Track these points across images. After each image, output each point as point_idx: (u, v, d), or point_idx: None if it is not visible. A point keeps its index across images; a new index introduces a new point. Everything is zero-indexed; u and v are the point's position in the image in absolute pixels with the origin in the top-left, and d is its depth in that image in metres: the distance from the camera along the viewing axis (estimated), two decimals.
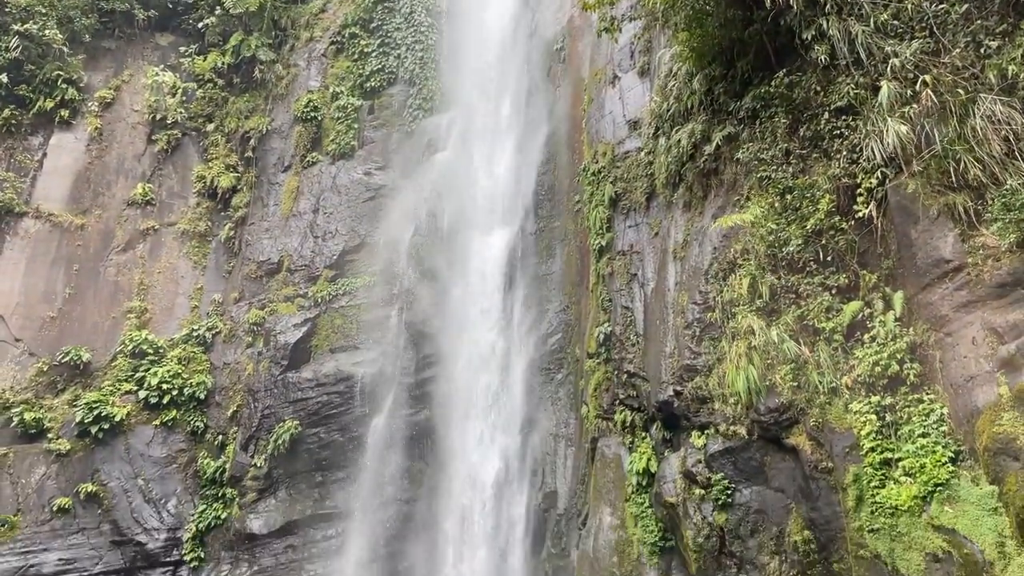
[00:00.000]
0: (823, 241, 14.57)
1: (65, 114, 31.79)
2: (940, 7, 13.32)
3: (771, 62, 16.27)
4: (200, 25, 35.11)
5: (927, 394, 12.83)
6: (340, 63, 34.53)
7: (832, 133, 14.80)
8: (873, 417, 13.11)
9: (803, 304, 14.65)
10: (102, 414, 27.25)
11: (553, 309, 26.13)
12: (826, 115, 14.88)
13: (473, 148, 30.13)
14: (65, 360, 28.43)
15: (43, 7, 31.43)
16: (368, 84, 33.70)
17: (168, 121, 33.47)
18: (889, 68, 13.50)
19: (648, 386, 19.18)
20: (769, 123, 16.03)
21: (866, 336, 13.80)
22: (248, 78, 34.83)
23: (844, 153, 14.44)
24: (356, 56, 34.38)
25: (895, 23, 13.78)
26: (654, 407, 18.70)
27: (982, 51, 12.76)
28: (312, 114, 33.25)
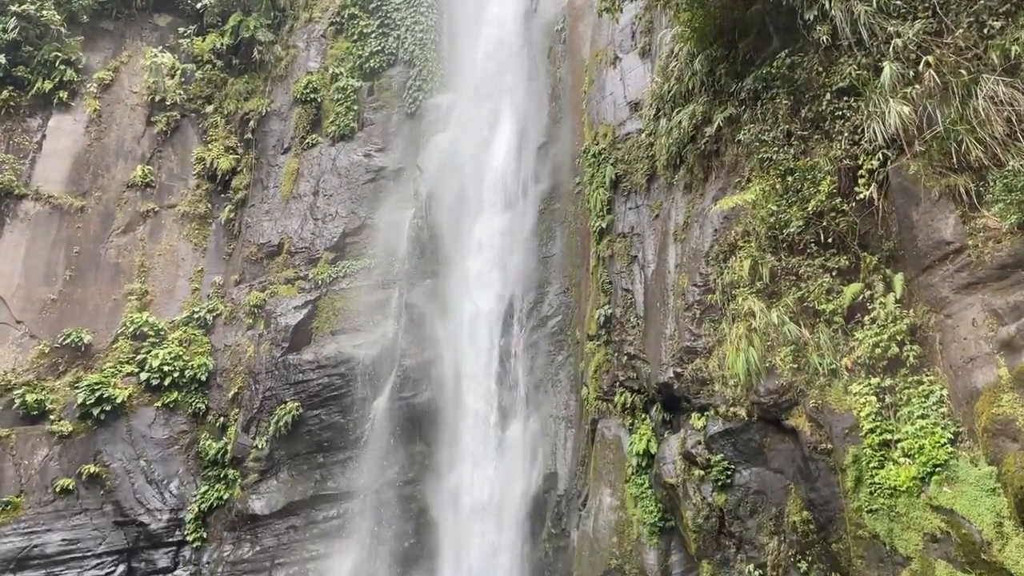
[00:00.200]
0: (824, 223, 14.54)
1: (64, 96, 31.60)
2: None
3: (773, 43, 16.18)
4: (198, 5, 34.79)
5: (927, 376, 12.87)
6: (339, 44, 34.34)
7: (834, 114, 14.74)
8: (873, 398, 13.15)
9: (803, 286, 14.64)
10: (104, 396, 27.33)
11: (553, 291, 26.15)
12: (828, 96, 14.81)
13: (473, 130, 30.02)
14: (66, 342, 28.46)
15: None
16: (368, 65, 33.53)
17: (167, 103, 33.30)
18: (891, 49, 13.42)
19: (648, 368, 19.22)
20: (770, 104, 15.97)
21: (866, 318, 13.82)
22: (247, 59, 34.62)
23: (845, 134, 14.39)
24: (355, 37, 34.18)
25: (898, 3, 13.68)
26: (654, 389, 18.75)
27: (985, 31, 12.68)
28: (312, 96, 33.10)
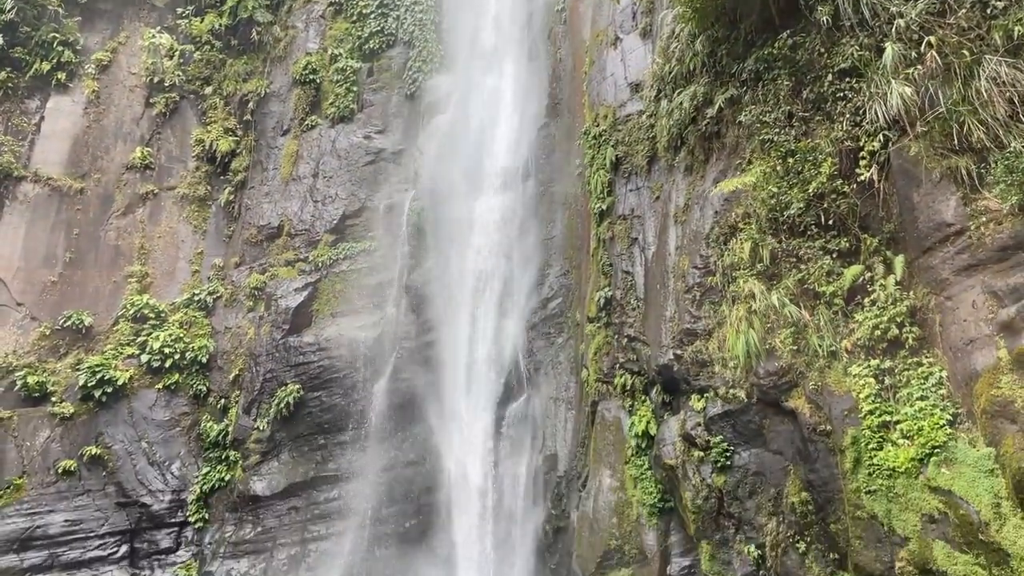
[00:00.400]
0: (824, 205, 14.51)
1: (62, 77, 31.46)
2: None
3: (774, 23, 16.05)
4: None
5: (926, 357, 12.89)
6: (338, 25, 34.09)
7: (835, 95, 14.67)
8: (872, 380, 13.19)
9: (804, 268, 14.64)
10: (105, 378, 27.40)
11: (554, 273, 26.11)
12: (829, 77, 14.74)
13: (473, 111, 29.88)
14: (67, 324, 28.51)
15: None
16: (367, 46, 33.31)
17: (166, 84, 33.14)
18: (894, 29, 13.34)
19: (648, 350, 19.25)
20: (772, 85, 15.89)
21: (866, 300, 13.82)
22: (246, 40, 34.40)
23: (847, 116, 14.32)
24: (354, 17, 33.93)
25: None
26: (654, 371, 18.79)
27: (988, 11, 12.61)
28: (311, 77, 32.90)
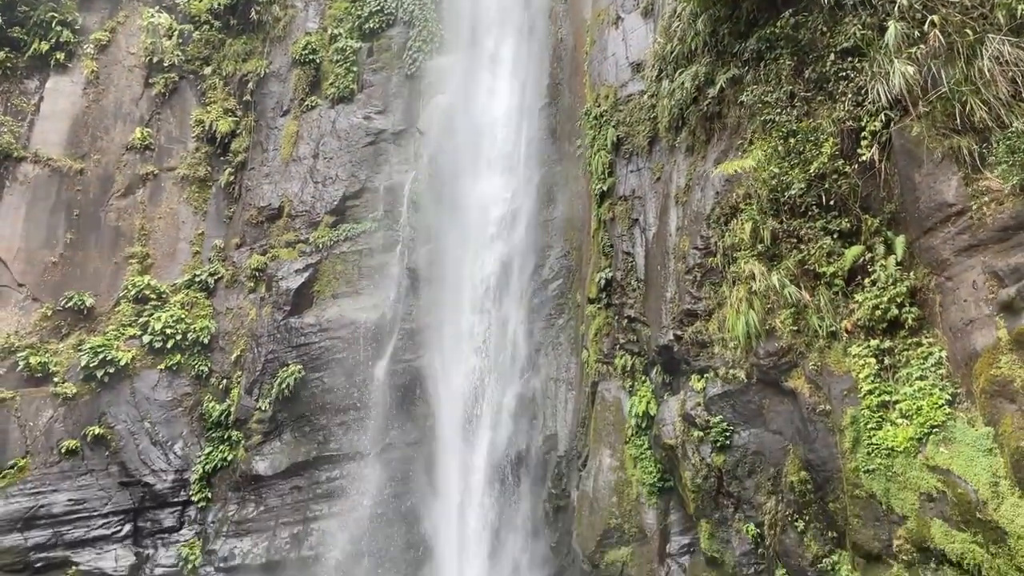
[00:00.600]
0: (826, 185, 14.49)
1: (61, 57, 31.27)
2: None
3: (776, 2, 16.01)
4: None
5: (926, 338, 12.93)
6: (338, 4, 33.82)
7: (837, 75, 14.63)
8: (872, 360, 13.24)
9: (804, 248, 14.64)
10: (107, 358, 27.47)
11: (554, 255, 26.11)
12: (832, 56, 14.69)
13: (473, 92, 29.74)
14: (68, 305, 28.52)
15: None
16: (367, 26, 33.08)
17: (165, 64, 32.95)
18: (896, 8, 13.27)
19: (648, 331, 19.30)
20: (774, 65, 15.83)
21: (867, 280, 13.84)
22: (245, 19, 34.14)
23: (849, 95, 14.29)
24: None
25: None
26: (654, 351, 18.85)
27: None
28: (310, 57, 32.71)
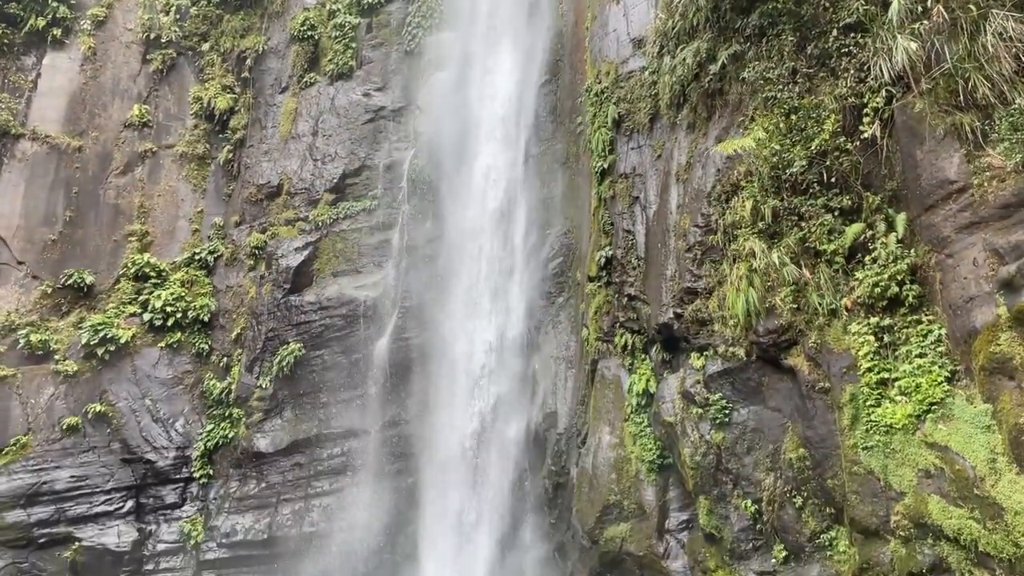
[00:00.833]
0: (827, 162, 14.43)
1: (58, 33, 31.08)
2: None
3: None
4: None
5: (926, 315, 12.94)
6: None
7: (840, 51, 14.53)
8: (871, 338, 13.26)
9: (805, 226, 14.62)
10: (108, 336, 27.53)
11: (554, 233, 26.03)
12: (834, 32, 14.58)
13: (473, 68, 29.51)
14: (68, 283, 28.55)
15: None
16: (366, 1, 32.74)
17: (162, 40, 32.72)
18: None
19: (648, 309, 19.30)
20: (776, 41, 15.71)
21: (867, 258, 13.82)
22: None
23: (851, 72, 14.19)
24: None
25: None
26: (654, 329, 18.87)
27: None
28: (309, 33, 32.44)
